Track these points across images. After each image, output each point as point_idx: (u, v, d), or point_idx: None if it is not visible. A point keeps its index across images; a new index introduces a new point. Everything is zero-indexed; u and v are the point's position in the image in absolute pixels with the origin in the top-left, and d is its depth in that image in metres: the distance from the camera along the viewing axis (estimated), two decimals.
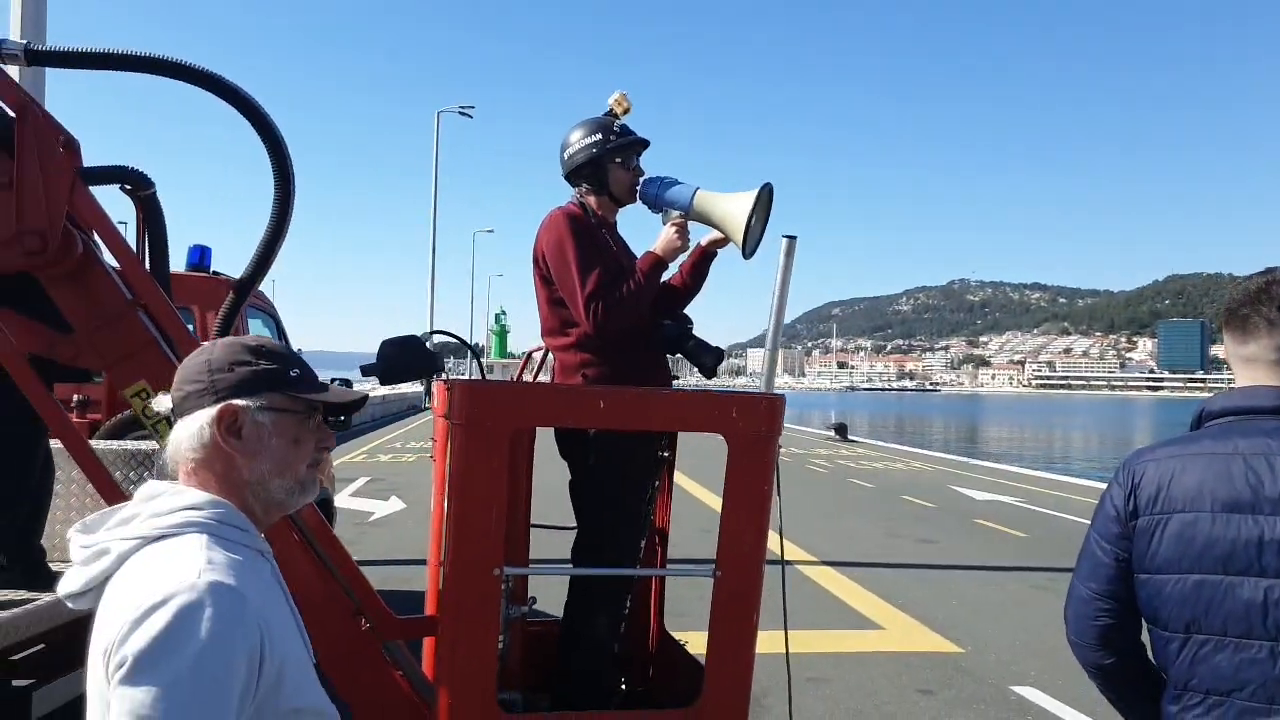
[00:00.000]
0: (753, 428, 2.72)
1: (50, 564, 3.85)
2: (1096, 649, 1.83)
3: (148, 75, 2.84)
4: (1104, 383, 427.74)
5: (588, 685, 3.20)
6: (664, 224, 3.28)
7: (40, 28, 7.95)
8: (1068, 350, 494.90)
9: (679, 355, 3.42)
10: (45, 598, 3.50)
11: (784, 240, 2.78)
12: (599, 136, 3.33)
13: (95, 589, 1.41)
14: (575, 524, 3.31)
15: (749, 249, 3.07)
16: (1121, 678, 1.85)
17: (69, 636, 3.79)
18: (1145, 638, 1.81)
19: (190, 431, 1.46)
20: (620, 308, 3.15)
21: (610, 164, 3.35)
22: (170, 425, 1.52)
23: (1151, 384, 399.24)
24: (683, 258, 3.36)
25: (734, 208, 3.04)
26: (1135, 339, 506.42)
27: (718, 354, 3.33)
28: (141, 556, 1.37)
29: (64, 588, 1.44)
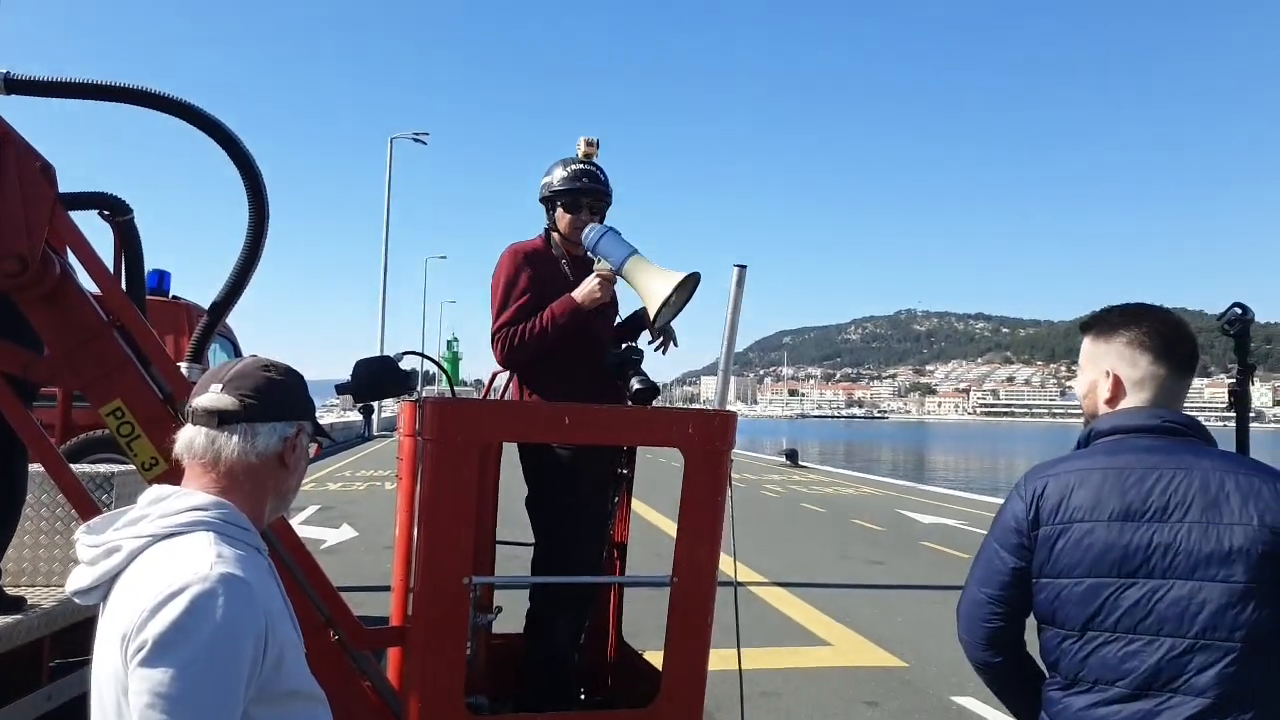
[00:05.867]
0: (707, 442, 2.89)
1: (10, 588, 3.86)
2: (985, 648, 2.00)
3: (125, 105, 2.94)
4: (1045, 410, 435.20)
5: (549, 689, 3.33)
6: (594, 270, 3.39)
7: None
8: (1010, 379, 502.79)
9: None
10: None
11: (735, 269, 2.94)
12: (549, 178, 3.57)
13: (103, 585, 1.51)
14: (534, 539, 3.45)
15: (657, 324, 3.19)
16: (1006, 673, 2.03)
17: (20, 660, 3.80)
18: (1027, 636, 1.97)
19: (253, 440, 1.58)
20: (521, 342, 3.37)
21: (557, 206, 3.57)
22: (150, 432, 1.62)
23: None
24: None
25: (657, 286, 3.13)
26: (1074, 368, 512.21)
27: (649, 391, 3.33)
28: (153, 552, 1.48)
29: (72, 585, 1.54)
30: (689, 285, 3.19)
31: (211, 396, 1.59)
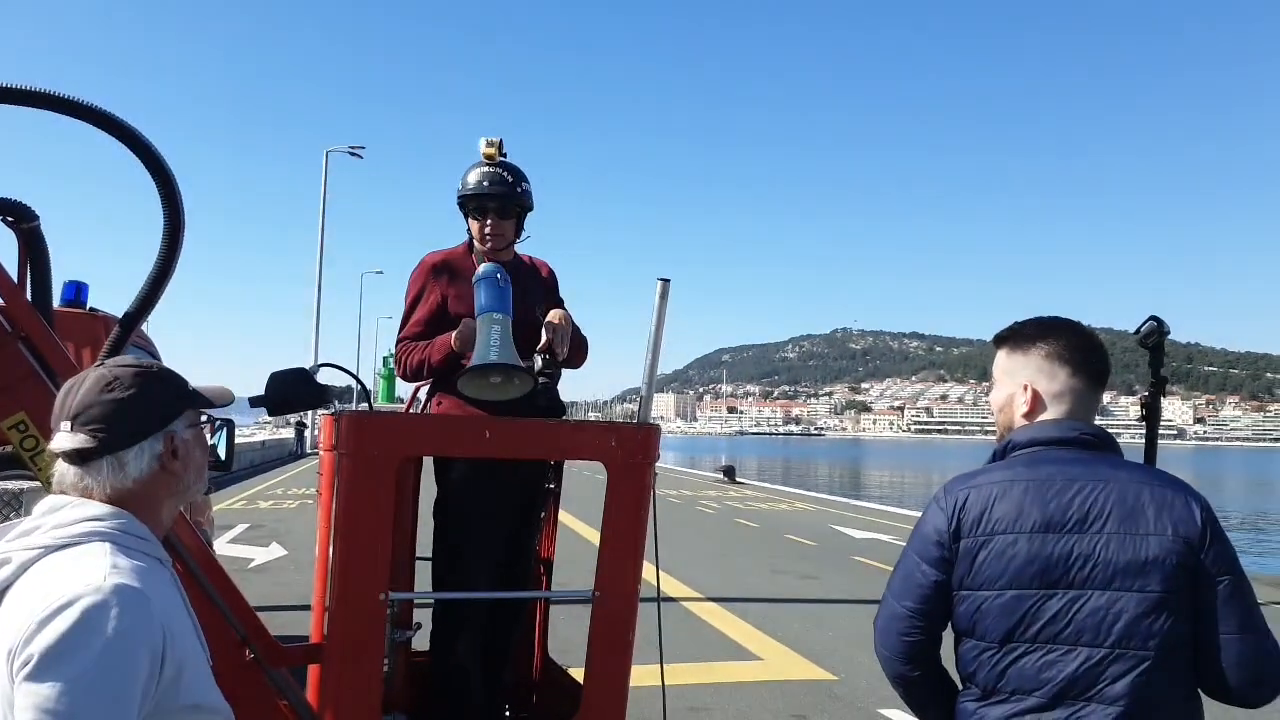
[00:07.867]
0: (630, 456, 2.89)
1: None
2: (904, 663, 2.00)
3: (30, 109, 2.85)
4: (977, 428, 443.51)
5: (454, 707, 3.29)
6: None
7: None
8: (944, 397, 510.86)
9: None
10: None
11: (659, 283, 2.96)
12: (461, 183, 3.51)
13: None
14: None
15: (463, 383, 3.09)
16: (923, 686, 2.03)
17: None
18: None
19: (123, 469, 1.51)
20: (413, 363, 3.40)
21: (466, 211, 3.54)
22: (52, 459, 1.52)
23: None
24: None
25: (479, 352, 3.08)
26: None
27: (553, 412, 3.34)
28: (45, 564, 1.43)
29: None
30: (506, 374, 3.05)
31: (64, 438, 1.51)
